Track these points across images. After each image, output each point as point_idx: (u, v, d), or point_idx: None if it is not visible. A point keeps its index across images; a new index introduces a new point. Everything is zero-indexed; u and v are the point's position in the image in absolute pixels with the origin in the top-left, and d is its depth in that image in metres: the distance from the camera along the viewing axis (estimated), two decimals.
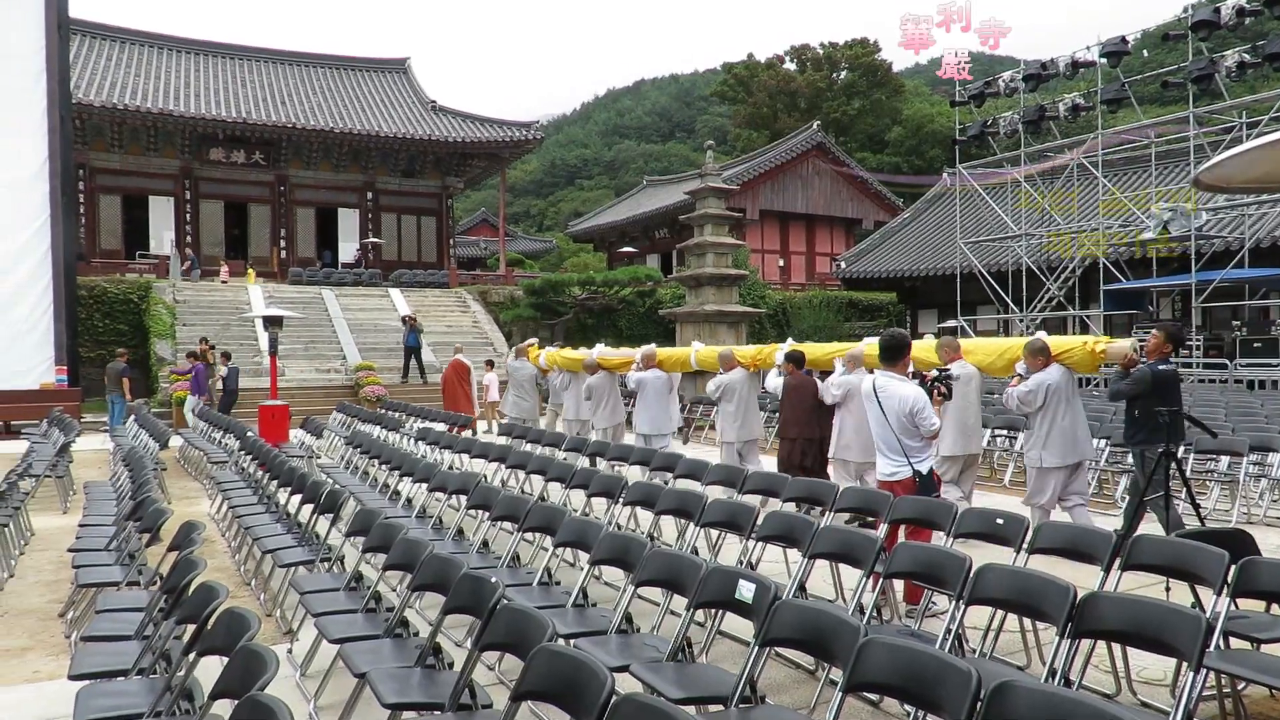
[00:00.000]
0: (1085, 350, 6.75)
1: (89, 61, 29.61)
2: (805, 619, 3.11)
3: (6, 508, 6.89)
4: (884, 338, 5.85)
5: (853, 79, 55.61)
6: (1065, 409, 6.69)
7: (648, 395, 10.62)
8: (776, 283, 35.35)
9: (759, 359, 9.85)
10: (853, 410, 7.78)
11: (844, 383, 8.05)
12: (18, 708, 4.21)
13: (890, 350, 5.73)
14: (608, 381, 11.59)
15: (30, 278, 19.26)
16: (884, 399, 5.60)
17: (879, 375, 5.82)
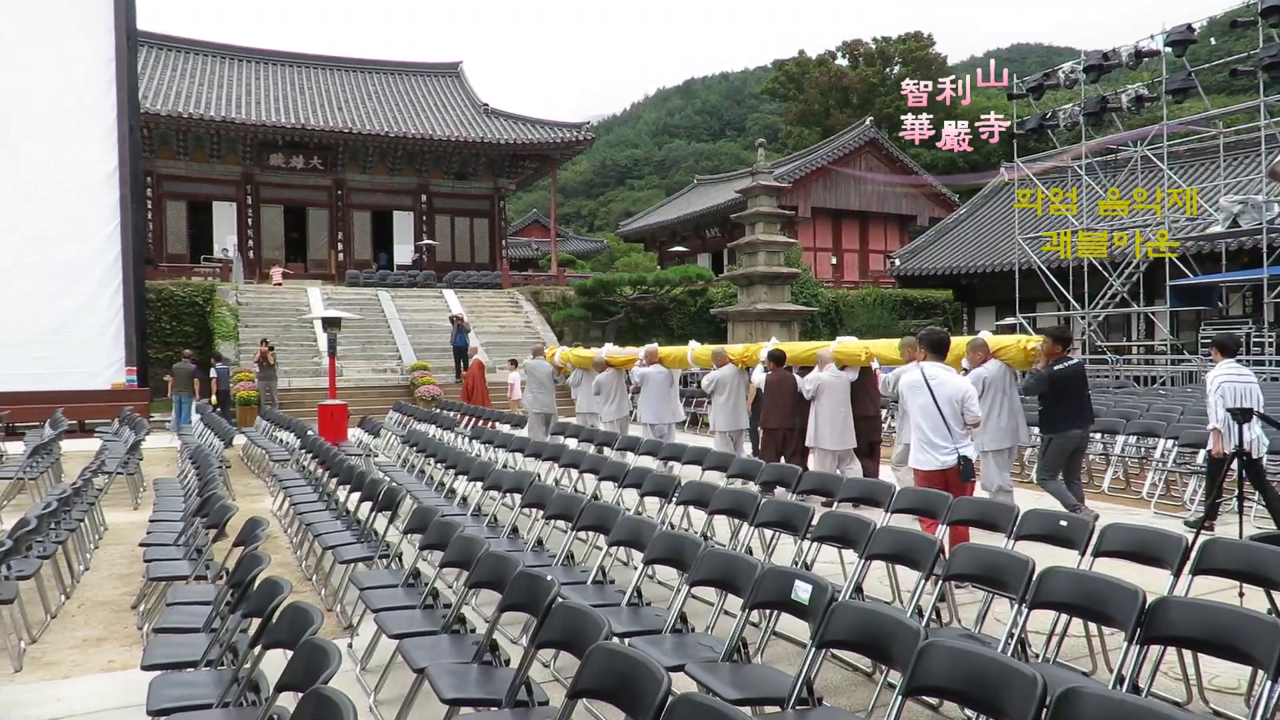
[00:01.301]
0: (1019, 348, 7.65)
1: (155, 72, 30.57)
2: (863, 621, 3.08)
3: (82, 503, 7.14)
4: (928, 333, 6.49)
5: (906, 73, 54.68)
6: (1002, 400, 7.54)
7: (650, 390, 11.52)
8: (829, 281, 34.99)
9: (746, 356, 10.62)
10: (824, 404, 8.99)
11: (815, 379, 9.08)
12: (94, 696, 4.37)
13: (936, 346, 6.33)
14: (615, 378, 12.51)
15: (101, 282, 19.95)
16: (936, 387, 6.06)
17: (929, 366, 6.23)
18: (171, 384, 18.02)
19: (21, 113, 19.00)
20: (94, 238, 19.81)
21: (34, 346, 18.80)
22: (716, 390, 10.62)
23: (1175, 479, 9.75)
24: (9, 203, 18.79)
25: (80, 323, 19.63)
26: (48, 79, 19.40)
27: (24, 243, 18.81)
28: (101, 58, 20.11)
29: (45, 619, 5.54)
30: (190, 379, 17.64)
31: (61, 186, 19.43)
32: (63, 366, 18.99)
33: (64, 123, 19.57)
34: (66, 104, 19.62)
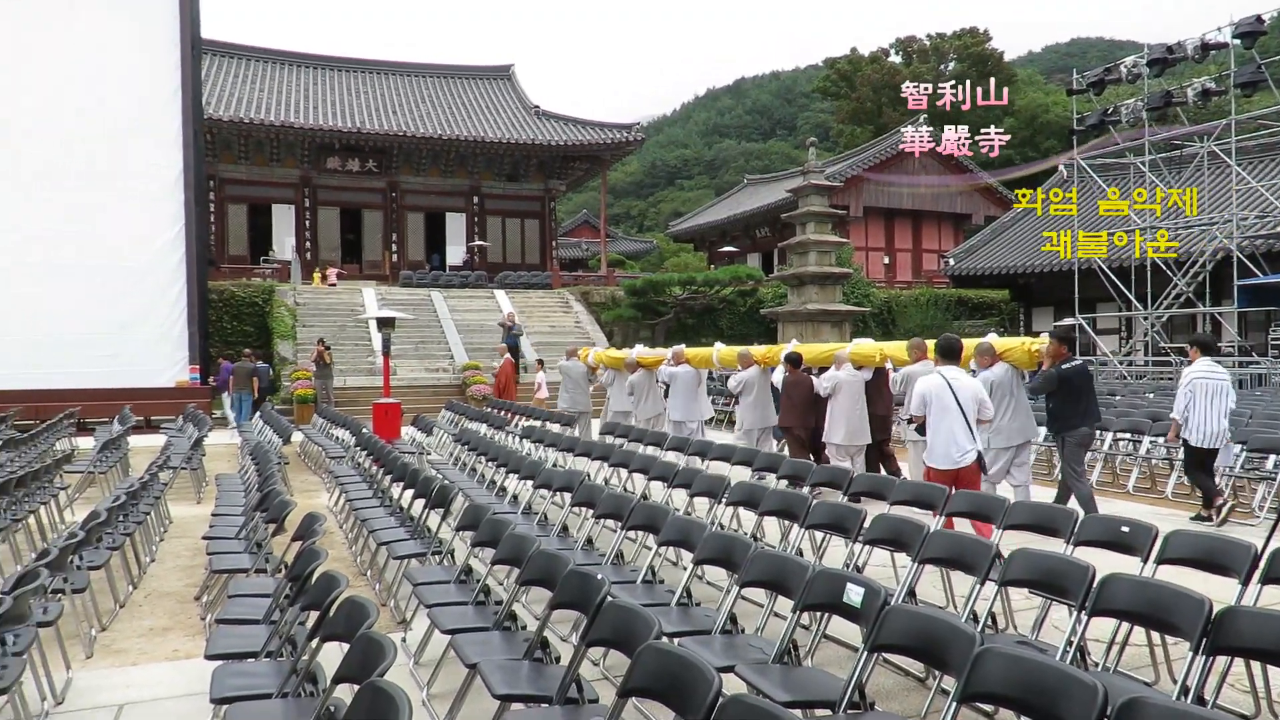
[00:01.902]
0: (1024, 349, 7.98)
1: (218, 79, 31.43)
2: (917, 625, 3.04)
3: (148, 497, 7.37)
4: (942, 339, 7.05)
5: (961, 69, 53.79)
6: (1009, 400, 7.82)
7: (678, 388, 11.97)
8: (881, 281, 34.55)
9: (769, 357, 11.07)
10: (840, 402, 9.43)
11: (832, 378, 9.53)
12: (160, 684, 4.52)
13: (949, 352, 6.88)
14: (647, 378, 12.94)
15: (167, 283, 20.56)
16: (958, 390, 6.56)
17: (947, 370, 6.75)
18: (232, 382, 18.50)
19: (92, 120, 19.68)
20: (160, 240, 20.43)
21: (103, 345, 19.46)
22: (744, 391, 10.99)
23: (1243, 485, 9.47)
24: (81, 206, 19.48)
25: (146, 322, 20.26)
26: (117, 87, 20.07)
27: (94, 245, 19.49)
28: (167, 66, 20.74)
29: (114, 608, 5.73)
30: (250, 377, 18.11)
31: (130, 191, 20.09)
32: (129, 364, 19.62)
33: (132, 129, 20.23)
34: (134, 111, 20.27)
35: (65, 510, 8.78)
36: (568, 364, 14.94)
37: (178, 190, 20.71)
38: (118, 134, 20.02)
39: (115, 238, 19.77)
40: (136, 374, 19.38)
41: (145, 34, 20.62)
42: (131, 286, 20.04)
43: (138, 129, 20.32)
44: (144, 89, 20.46)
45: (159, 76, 20.61)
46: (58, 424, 13.63)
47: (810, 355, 10.36)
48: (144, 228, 20.23)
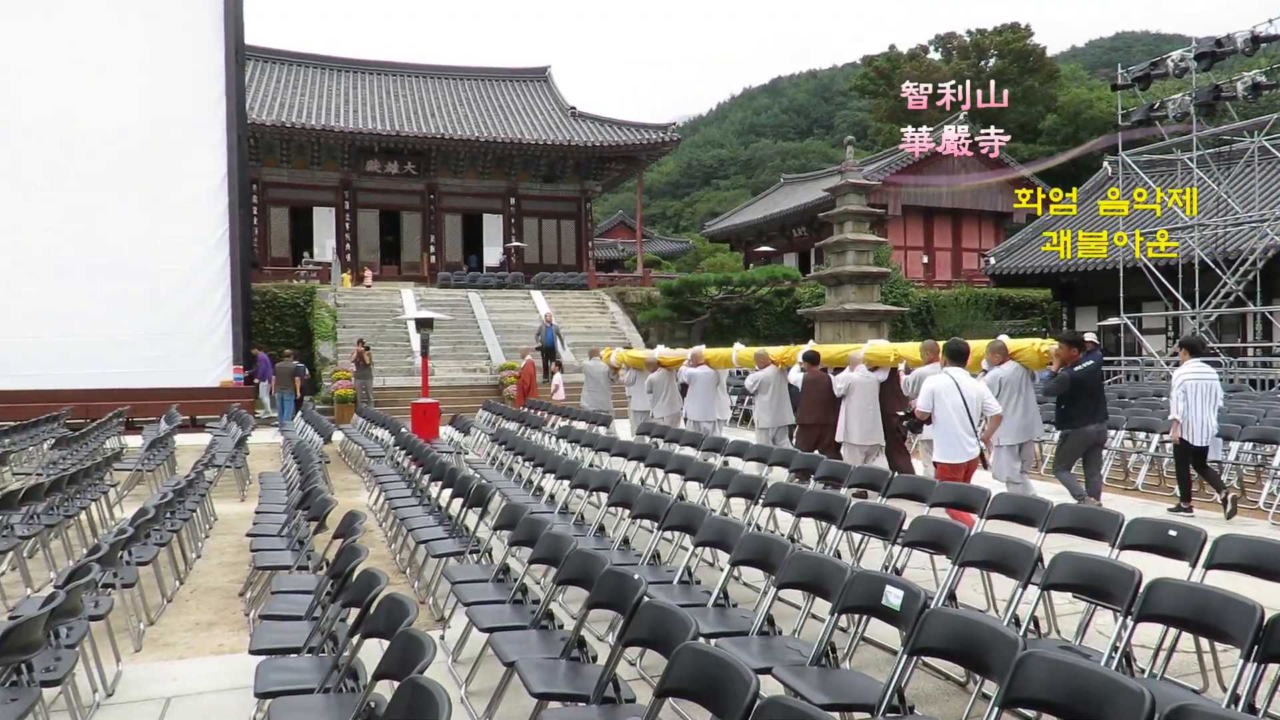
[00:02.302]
0: (1034, 350, 8.24)
1: (261, 84, 31.99)
2: (957, 629, 3.00)
3: (194, 495, 7.53)
4: (951, 343, 7.46)
5: (1002, 66, 53.02)
6: (1018, 398, 8.10)
7: (696, 389, 12.24)
8: (920, 280, 34.16)
9: (785, 357, 11.33)
10: (854, 402, 9.68)
11: (846, 378, 9.80)
12: (206, 677, 4.61)
13: (958, 355, 7.29)
14: (666, 378, 13.29)
15: (211, 285, 20.98)
16: (965, 390, 6.98)
17: (953, 371, 7.14)
18: (274, 382, 18.81)
19: (140, 126, 20.14)
20: (205, 243, 20.85)
21: (150, 346, 19.91)
22: (760, 390, 11.29)
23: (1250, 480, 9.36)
24: (128, 210, 19.95)
25: (191, 323, 20.68)
26: (164, 94, 20.51)
27: (142, 248, 19.94)
28: (212, 72, 21.16)
29: (162, 602, 5.86)
30: (292, 377, 18.40)
31: (176, 196, 20.54)
32: (175, 365, 20.05)
33: (178, 134, 20.67)
34: (180, 117, 20.71)
35: (115, 507, 8.99)
36: (590, 364, 15.44)
37: (222, 194, 21.12)
38: (165, 140, 20.47)
39: (162, 241, 20.22)
40: (182, 374, 19.81)
41: (191, 42, 21.06)
42: (178, 289, 20.48)
43: (184, 135, 20.76)
44: (190, 95, 20.89)
45: (204, 83, 21.04)
46: (107, 423, 13.96)
47: (826, 356, 10.62)
48: (190, 231, 20.66)
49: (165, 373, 19.62)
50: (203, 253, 20.83)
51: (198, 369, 20.09)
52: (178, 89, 20.76)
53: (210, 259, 20.92)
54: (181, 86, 20.82)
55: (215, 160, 21.04)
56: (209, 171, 20.97)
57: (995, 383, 8.00)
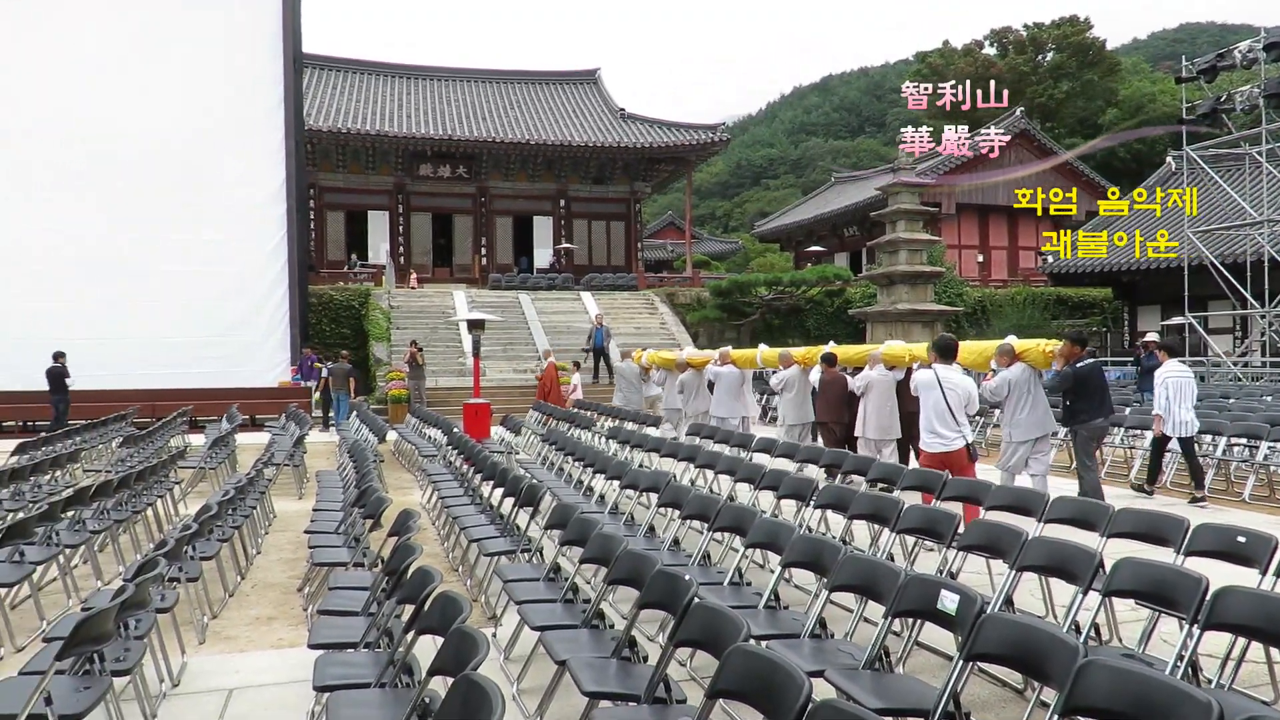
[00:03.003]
0: (1039, 350, 8.47)
1: (317, 91, 32.67)
2: (1015, 635, 2.94)
3: (255, 492, 7.71)
4: (939, 339, 7.66)
5: (1060, 60, 51.87)
6: (1027, 397, 8.27)
7: (721, 387, 12.76)
8: (975, 279, 33.56)
9: (808, 358, 11.79)
10: (872, 399, 10.15)
11: (865, 377, 10.30)
12: (267, 670, 4.73)
13: (945, 351, 7.52)
14: (696, 377, 13.92)
15: (270, 287, 21.53)
16: (948, 388, 7.25)
17: (940, 369, 7.33)
18: (330, 382, 19.14)
19: (203, 134, 20.75)
20: (264, 247, 21.40)
21: (211, 347, 20.50)
22: (785, 389, 11.86)
23: None
24: (193, 215, 20.56)
25: (251, 325, 21.24)
26: (226, 104, 21.11)
27: (205, 252, 20.55)
28: (271, 81, 21.71)
29: (224, 597, 6.02)
30: (347, 377, 18.74)
31: (237, 201, 21.12)
32: (235, 365, 20.61)
33: (239, 142, 21.25)
34: (241, 125, 21.29)
35: (179, 503, 9.25)
36: (622, 365, 16.27)
37: (280, 199, 21.65)
38: (227, 148, 21.07)
39: (224, 246, 20.80)
40: (242, 375, 20.36)
41: (251, 52, 21.64)
42: (239, 292, 21.05)
43: (245, 142, 21.34)
44: (250, 104, 21.47)
45: (264, 92, 21.60)
46: (172, 422, 14.39)
47: (845, 356, 11.33)
48: (250, 236, 21.23)
49: (226, 373, 20.20)
50: (262, 257, 21.39)
51: (257, 370, 20.62)
52: (239, 98, 21.35)
53: (269, 263, 21.47)
54: (243, 96, 21.40)
55: (274, 167, 21.58)
56: (268, 178, 21.52)
57: (1004, 384, 8.34)
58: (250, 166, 21.41)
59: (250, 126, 21.49)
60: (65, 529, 6.13)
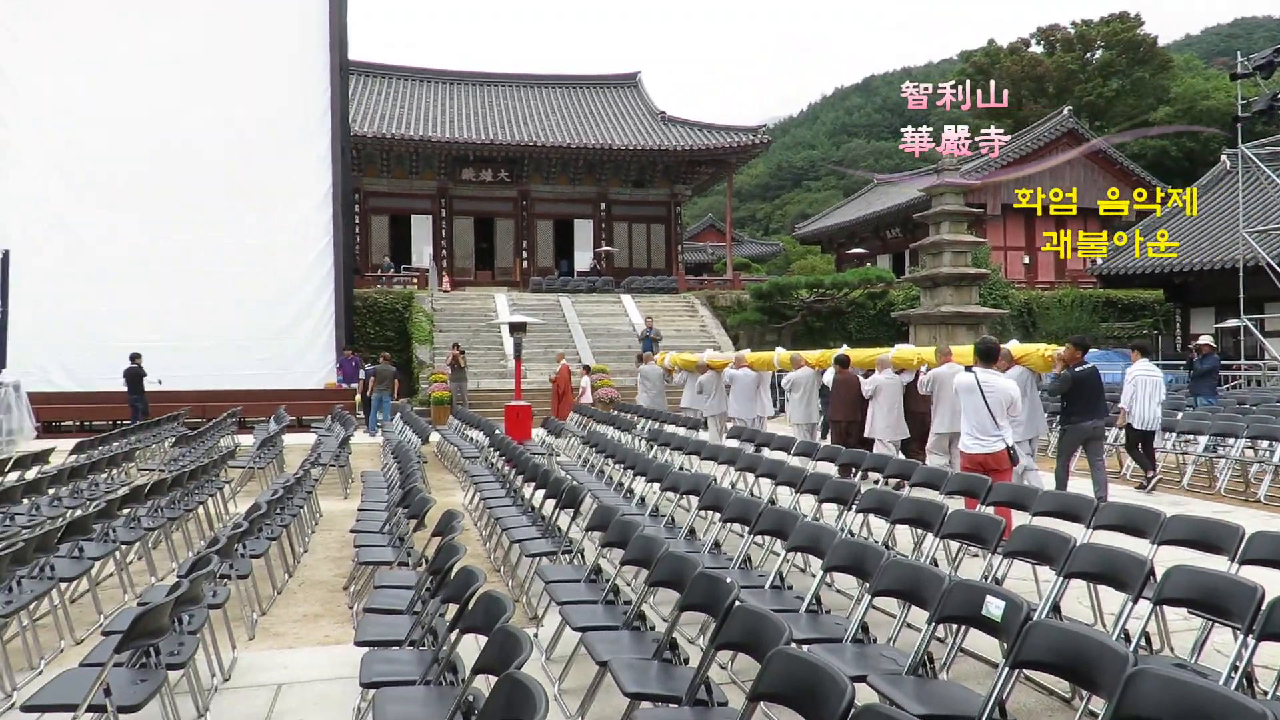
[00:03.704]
0: (1039, 355, 9.12)
1: (362, 97, 33.19)
2: (1062, 642, 2.90)
3: (302, 492, 7.86)
4: (980, 343, 7.67)
5: (1109, 57, 50.82)
6: (1024, 399, 8.45)
7: (737, 389, 13.39)
8: (1021, 281, 33.01)
9: (822, 360, 12.39)
10: (881, 401, 10.69)
11: (874, 380, 10.79)
12: (314, 666, 4.82)
13: (986, 354, 7.46)
14: (715, 379, 14.59)
15: (317, 291, 21.92)
16: (988, 391, 7.14)
17: (981, 372, 7.25)
18: (373, 384, 19.35)
19: (252, 141, 21.21)
20: (311, 251, 21.80)
21: (260, 349, 20.93)
22: (793, 389, 12.52)
23: None
24: (243, 221, 21.02)
25: (298, 328, 21.64)
26: (276, 111, 21.56)
27: (255, 256, 20.99)
28: (319, 88, 22.12)
29: (273, 594, 6.15)
30: (391, 380, 18.98)
31: (286, 207, 21.56)
32: (283, 367, 21.02)
33: (287, 149, 21.68)
34: (290, 132, 21.73)
35: (229, 502, 9.46)
36: (646, 368, 17.10)
37: (327, 205, 22.05)
38: (275, 154, 21.51)
39: (273, 251, 21.23)
40: (290, 377, 20.77)
41: (301, 61, 22.08)
42: (287, 296, 21.46)
43: (293, 149, 21.78)
44: (299, 112, 21.90)
45: (312, 99, 22.02)
46: (222, 422, 14.70)
47: (858, 359, 11.86)
48: (298, 241, 21.65)
49: (274, 375, 20.62)
50: (310, 261, 21.79)
51: (304, 372, 21.01)
52: (288, 106, 21.78)
53: (316, 267, 21.87)
54: (292, 104, 21.84)
55: (321, 172, 21.99)
56: (316, 183, 21.93)
57: None
58: (300, 173, 21.84)
59: (300, 133, 21.92)
60: (122, 526, 6.31)
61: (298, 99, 21.91)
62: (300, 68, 22.00)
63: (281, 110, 21.70)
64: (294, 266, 21.57)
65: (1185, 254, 26.51)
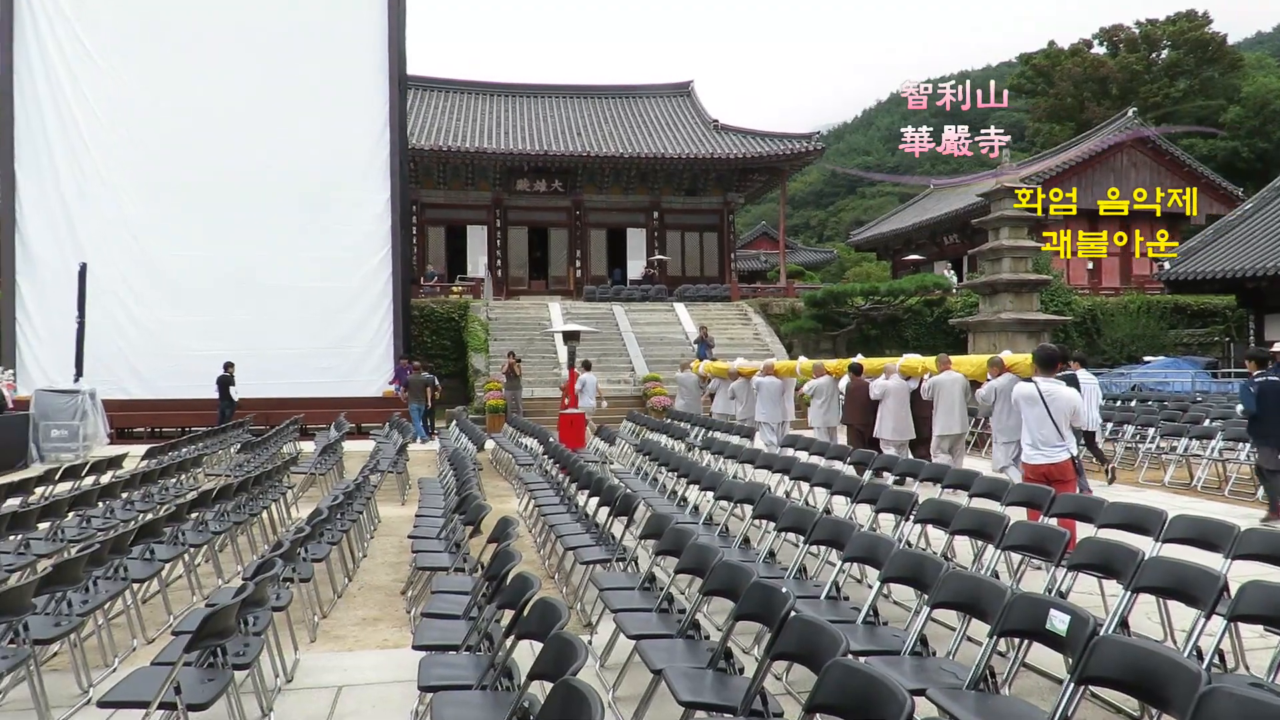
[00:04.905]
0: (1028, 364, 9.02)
1: (420, 111, 33.83)
2: (1131, 658, 2.81)
3: (361, 498, 8.02)
4: (1039, 351, 7.50)
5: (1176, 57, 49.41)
6: (1011, 405, 8.87)
7: (763, 395, 14.43)
8: (1084, 287, 32.19)
9: (839, 368, 13.30)
10: (889, 405, 11.56)
11: (881, 386, 11.71)
12: (373, 669, 4.91)
13: (1046, 362, 7.27)
14: (746, 385, 15.49)
15: (376, 301, 22.37)
16: (1050, 401, 6.90)
17: (1042, 381, 7.04)
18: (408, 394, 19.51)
19: (315, 155, 21.73)
20: (371, 262, 22.26)
21: (321, 359, 21.42)
22: (815, 395, 13.40)
23: None
24: (306, 234, 21.57)
25: (358, 337, 22.10)
26: (336, 127, 22.08)
27: (317, 268, 21.51)
28: (379, 103, 22.61)
29: (333, 597, 6.27)
30: (423, 388, 19.21)
31: (347, 219, 22.06)
32: (343, 376, 21.49)
33: (349, 163, 22.20)
34: (351, 147, 22.24)
35: (291, 507, 9.69)
36: (681, 375, 18.11)
37: (386, 217, 22.50)
38: (337, 168, 22.03)
39: (334, 262, 21.73)
40: (349, 385, 21.23)
41: (361, 75, 22.58)
42: (347, 306, 21.95)
43: (354, 163, 22.29)
44: (360, 127, 22.41)
45: (372, 114, 22.51)
46: (285, 429, 15.07)
47: (870, 366, 12.71)
48: (358, 252, 22.13)
49: (334, 383, 21.11)
50: (369, 272, 22.25)
51: (363, 380, 21.42)
52: (349, 122, 22.30)
53: (375, 277, 22.32)
54: (353, 119, 22.36)
55: (381, 185, 22.45)
56: (375, 196, 22.40)
57: (991, 392, 9.58)
58: (360, 185, 22.33)
59: (361, 147, 22.43)
60: (190, 529, 6.51)
61: (359, 114, 22.42)
62: (361, 84, 22.52)
63: (343, 125, 22.22)
64: (354, 277, 22.05)
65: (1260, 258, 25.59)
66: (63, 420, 15.92)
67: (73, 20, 21.43)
